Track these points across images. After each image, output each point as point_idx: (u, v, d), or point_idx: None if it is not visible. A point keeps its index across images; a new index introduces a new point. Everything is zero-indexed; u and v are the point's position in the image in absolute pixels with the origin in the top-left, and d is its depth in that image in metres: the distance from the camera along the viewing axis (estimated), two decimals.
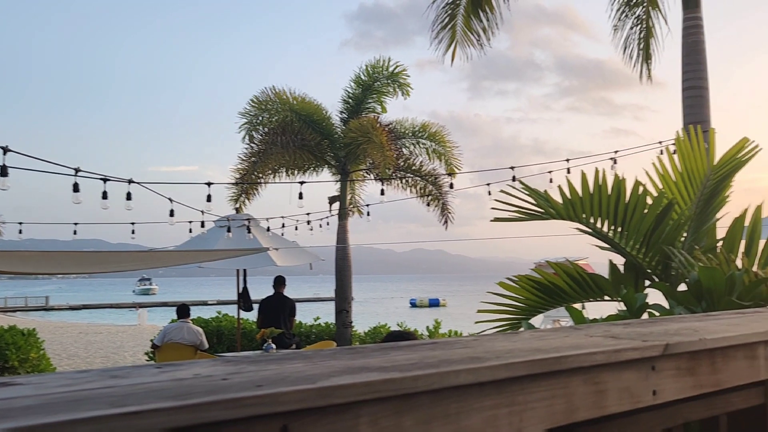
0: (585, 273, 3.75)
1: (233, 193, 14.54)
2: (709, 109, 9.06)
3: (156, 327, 21.91)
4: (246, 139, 14.39)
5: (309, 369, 0.99)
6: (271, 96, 14.52)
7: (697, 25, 9.22)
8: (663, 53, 11.27)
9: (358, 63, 15.59)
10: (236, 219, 12.11)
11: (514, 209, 3.57)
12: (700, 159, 3.61)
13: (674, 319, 1.89)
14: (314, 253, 13.28)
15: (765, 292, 2.91)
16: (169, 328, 11.20)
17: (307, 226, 14.06)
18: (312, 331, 14.24)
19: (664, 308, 3.06)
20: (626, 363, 1.24)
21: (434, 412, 0.97)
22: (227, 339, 14.31)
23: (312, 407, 0.84)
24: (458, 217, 15.48)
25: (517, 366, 1.06)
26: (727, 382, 1.51)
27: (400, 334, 5.80)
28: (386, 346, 1.27)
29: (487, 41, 10.90)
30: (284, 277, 11.61)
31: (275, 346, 10.31)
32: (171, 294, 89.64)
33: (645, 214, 3.48)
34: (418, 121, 15.30)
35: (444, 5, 10.53)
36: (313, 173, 15.17)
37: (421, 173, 15.06)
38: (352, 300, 15.19)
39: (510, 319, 3.98)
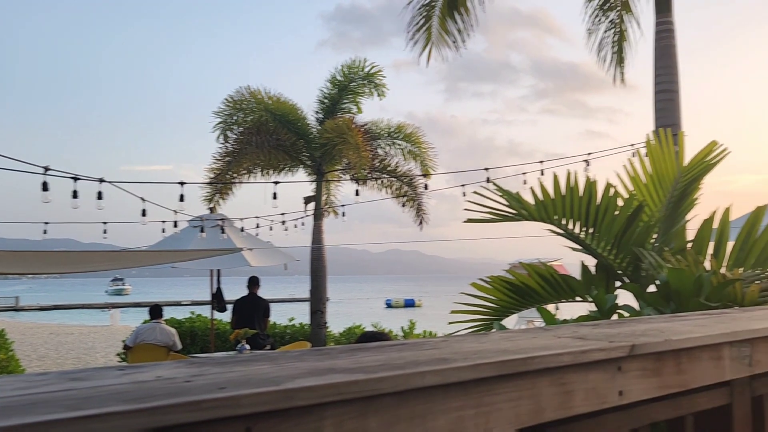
0: (557, 274, 3.78)
1: (207, 193, 14.44)
2: (680, 113, 9.19)
3: (129, 328, 21.69)
4: (220, 138, 14.31)
5: (274, 371, 0.98)
6: (246, 95, 14.44)
7: (669, 30, 9.34)
8: (636, 57, 11.42)
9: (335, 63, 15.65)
10: (210, 219, 12.02)
11: (487, 210, 3.59)
12: (670, 162, 3.65)
13: (642, 320, 1.91)
14: (289, 253, 13.23)
15: (732, 294, 2.95)
16: (142, 328, 11.09)
17: (281, 226, 14.01)
18: (286, 332, 14.18)
19: (633, 309, 3.09)
20: (593, 364, 1.25)
21: (400, 414, 0.97)
22: (201, 340, 14.20)
23: (276, 409, 0.83)
24: (434, 218, 15.52)
25: (483, 367, 1.06)
26: (692, 383, 1.53)
27: (374, 335, 5.80)
28: (354, 347, 1.26)
29: (463, 43, 10.94)
30: (258, 277, 11.55)
31: (249, 347, 10.25)
32: (144, 294, 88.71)
33: (616, 215, 3.51)
34: (394, 121, 15.33)
35: (419, 7, 10.55)
36: (288, 173, 15.12)
37: (396, 174, 15.08)
38: (327, 300, 15.16)
39: (483, 319, 4.00)
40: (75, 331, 31.89)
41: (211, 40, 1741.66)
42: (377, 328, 13.33)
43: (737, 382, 1.71)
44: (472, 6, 10.59)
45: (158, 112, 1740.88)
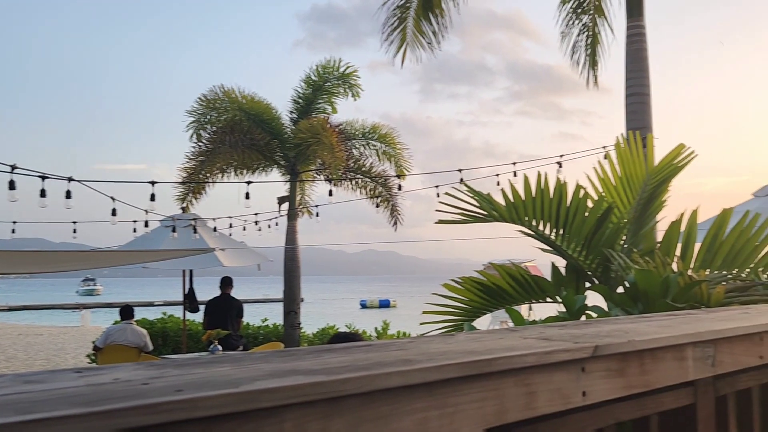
0: (527, 275, 3.80)
1: (180, 193, 14.31)
2: (651, 116, 9.30)
3: (100, 328, 21.41)
4: (194, 137, 14.18)
5: (236, 372, 0.97)
6: (219, 94, 14.33)
7: (640, 33, 9.45)
8: (609, 60, 11.55)
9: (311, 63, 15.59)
10: (182, 219, 11.92)
11: (458, 212, 3.60)
12: (639, 164, 3.69)
13: (609, 320, 1.92)
14: (262, 253, 13.16)
15: (699, 295, 2.99)
16: (112, 329, 10.96)
17: (255, 226, 13.93)
18: (260, 333, 14.11)
19: (602, 310, 3.12)
20: (557, 365, 1.26)
21: (364, 415, 0.96)
22: (173, 341, 14.08)
23: (234, 412, 0.82)
24: (410, 218, 15.55)
25: (448, 368, 1.06)
26: (656, 383, 1.54)
27: (346, 335, 5.79)
28: (321, 349, 1.26)
29: (438, 44, 10.97)
30: (231, 277, 11.48)
31: (221, 348, 10.18)
32: (116, 295, 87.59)
33: (586, 217, 3.54)
34: (369, 122, 15.33)
35: (394, 7, 10.55)
36: (262, 173, 15.03)
37: (371, 174, 15.07)
38: (301, 301, 15.10)
39: (454, 320, 4.01)
40: (45, 332, 31.40)
41: (185, 38, 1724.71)
42: (351, 329, 13.32)
43: (701, 382, 1.73)
44: (446, 7, 10.63)
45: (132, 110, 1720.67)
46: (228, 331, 10.63)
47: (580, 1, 11.42)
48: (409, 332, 12.97)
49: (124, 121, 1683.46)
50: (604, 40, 11.35)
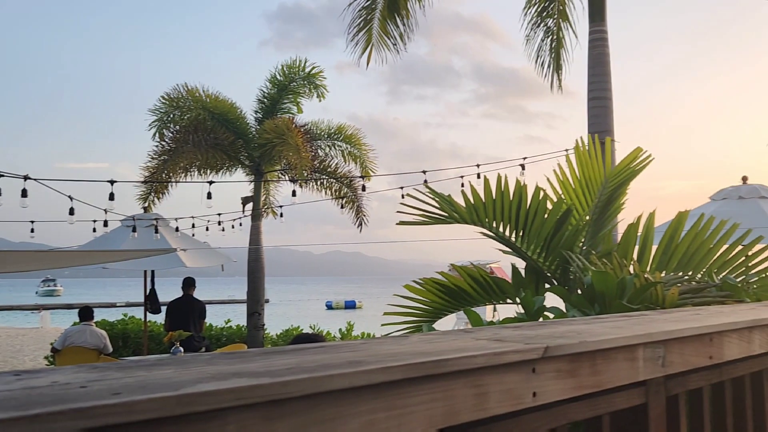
0: (488, 276, 3.82)
1: (142, 192, 14.11)
2: (613, 119, 9.44)
3: (59, 330, 20.99)
4: (156, 136, 14.00)
5: (178, 375, 0.95)
6: (183, 93, 14.18)
7: (602, 38, 9.59)
8: (573, 64, 11.69)
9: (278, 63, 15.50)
10: (143, 218, 11.76)
11: (419, 213, 3.60)
12: (598, 167, 3.74)
13: (563, 321, 1.93)
14: (226, 254, 13.04)
15: (654, 296, 3.03)
16: (71, 331, 10.76)
17: (218, 226, 13.80)
18: (223, 334, 13.98)
19: (561, 311, 3.15)
20: (508, 365, 1.26)
21: (308, 419, 0.95)
22: (133, 342, 13.88)
23: (172, 415, 0.81)
24: (377, 219, 15.53)
25: (395, 370, 1.05)
26: (608, 383, 1.55)
27: (308, 336, 5.76)
28: (270, 351, 1.24)
29: (403, 45, 11.00)
30: (194, 278, 11.35)
31: (183, 350, 10.06)
32: (77, 295, 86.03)
33: (545, 219, 3.57)
34: (336, 123, 15.30)
35: (360, 8, 10.55)
36: (226, 173, 14.91)
37: (336, 175, 15.04)
38: (265, 302, 15.00)
39: (416, 321, 4.02)
40: (2, 334, 30.69)
41: (151, 36, 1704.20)
42: (315, 330, 13.27)
43: (652, 382, 1.75)
44: (412, 9, 10.66)
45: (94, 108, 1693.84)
46: (190, 333, 10.52)
47: (544, 5, 11.55)
48: (374, 333, 12.97)
49: (86, 118, 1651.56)
50: (568, 45, 11.50)
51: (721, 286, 3.40)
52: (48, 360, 13.42)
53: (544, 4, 11.48)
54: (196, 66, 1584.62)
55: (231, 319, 14.86)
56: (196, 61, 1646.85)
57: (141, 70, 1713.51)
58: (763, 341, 2.16)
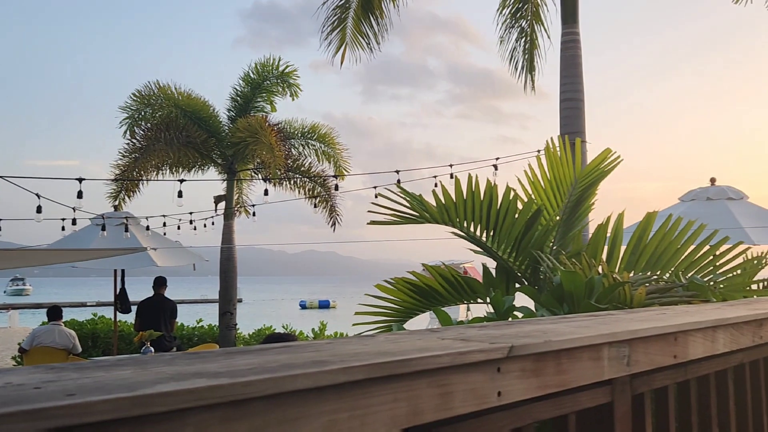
0: (459, 276, 3.83)
1: (113, 190, 13.94)
2: (584, 121, 9.52)
3: (28, 329, 20.63)
4: (127, 134, 13.84)
5: (136, 376, 0.94)
6: (154, 90, 14.04)
7: (575, 40, 9.66)
8: (546, 66, 11.77)
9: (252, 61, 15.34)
10: (113, 217, 11.61)
11: (390, 213, 3.60)
12: (568, 168, 3.77)
13: (530, 321, 1.94)
14: (198, 253, 12.94)
15: (622, 296, 3.06)
16: (39, 330, 10.60)
17: (190, 225, 13.68)
18: (195, 334, 13.86)
19: (530, 310, 3.17)
20: (472, 365, 1.26)
21: (269, 419, 0.94)
22: (103, 342, 13.71)
23: (128, 417, 0.79)
24: (351, 219, 15.52)
25: (357, 370, 1.04)
26: (573, 382, 1.56)
27: (280, 336, 5.73)
28: (233, 351, 1.23)
29: (377, 45, 10.99)
30: (165, 278, 11.24)
31: (154, 350, 9.97)
32: (47, 295, 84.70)
33: (515, 219, 3.59)
34: (310, 121, 15.25)
35: (334, 7, 10.52)
36: (198, 171, 14.78)
37: (309, 174, 14.99)
38: (238, 302, 14.90)
39: (387, 321, 4.02)
40: None
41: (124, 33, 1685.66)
42: (288, 330, 13.22)
43: (618, 381, 1.76)
44: (386, 9, 10.65)
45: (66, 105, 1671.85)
46: (161, 333, 10.42)
47: (518, 7, 11.62)
48: (347, 333, 12.95)
49: (57, 115, 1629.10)
50: (542, 46, 11.58)
51: (687, 286, 3.44)
52: (15, 360, 13.20)
53: (518, 5, 11.55)
54: (170, 63, 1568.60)
55: (203, 318, 14.75)
56: (170, 58, 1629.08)
57: (114, 67, 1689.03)
58: (727, 340, 2.19)
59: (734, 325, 2.19)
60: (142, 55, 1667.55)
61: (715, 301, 3.34)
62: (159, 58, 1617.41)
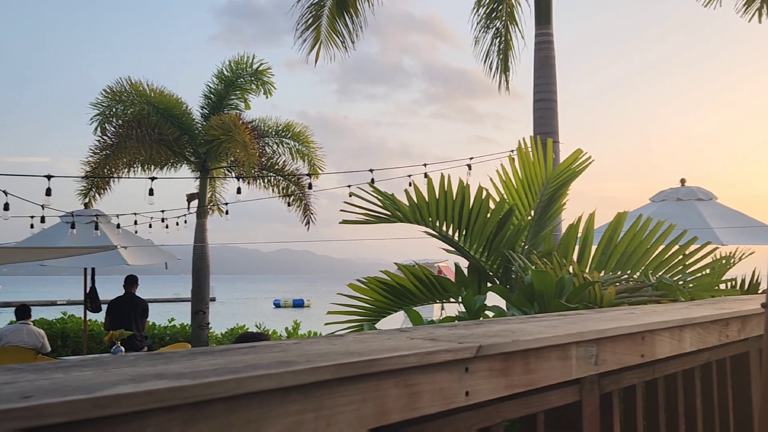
0: (432, 275, 3.83)
1: (83, 187, 13.76)
2: (558, 121, 9.59)
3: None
4: (98, 131, 13.66)
5: (96, 377, 0.92)
6: (126, 87, 13.87)
7: (548, 41, 9.73)
8: (521, 66, 11.85)
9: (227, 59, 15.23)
10: (83, 215, 11.46)
11: (362, 212, 3.60)
12: (539, 168, 3.79)
13: (500, 321, 1.95)
14: (170, 252, 12.81)
15: (593, 295, 3.09)
16: (6, 330, 10.42)
17: (162, 223, 13.55)
18: (166, 333, 13.74)
19: (502, 310, 3.18)
20: (440, 365, 1.26)
21: (232, 420, 0.93)
22: (73, 342, 13.52)
23: (86, 419, 0.78)
24: (326, 218, 15.45)
25: (323, 370, 1.04)
26: (541, 382, 1.57)
27: (253, 335, 5.70)
28: (197, 351, 1.21)
29: (352, 44, 10.97)
30: (136, 276, 11.11)
31: (124, 349, 9.85)
32: (16, 293, 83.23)
33: (487, 219, 3.60)
34: (284, 120, 15.19)
35: (309, 5, 10.48)
36: (171, 169, 14.64)
37: (283, 173, 14.92)
38: (211, 300, 14.80)
39: (360, 320, 4.01)
40: None
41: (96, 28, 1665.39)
42: (261, 329, 13.15)
43: (586, 380, 1.78)
44: (361, 8, 10.64)
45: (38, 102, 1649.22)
46: (131, 332, 10.31)
47: (493, 7, 11.67)
48: (321, 332, 12.91)
49: (27, 111, 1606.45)
50: (516, 47, 11.65)
51: (656, 285, 3.48)
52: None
53: (492, 5, 11.61)
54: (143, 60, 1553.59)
55: (175, 317, 14.62)
56: (143, 55, 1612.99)
57: (87, 63, 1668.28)
58: (694, 339, 2.22)
59: (701, 324, 2.22)
60: (115, 52, 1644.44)
61: (683, 300, 3.38)
62: (132, 54, 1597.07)
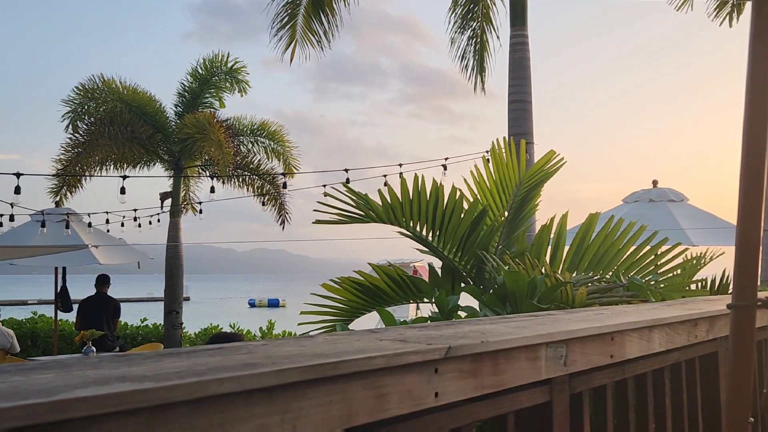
0: (406, 275, 3.83)
1: (54, 185, 13.57)
2: (532, 122, 9.65)
3: None
4: (69, 128, 13.48)
5: (57, 380, 0.90)
6: (98, 84, 13.71)
7: (523, 43, 9.79)
8: (496, 67, 11.89)
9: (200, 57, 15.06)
10: (54, 213, 11.30)
11: (335, 212, 3.59)
12: (512, 169, 3.81)
13: (470, 321, 1.95)
14: (142, 251, 12.69)
15: (564, 296, 3.11)
16: None
17: (134, 222, 13.42)
18: (139, 333, 13.60)
19: (475, 310, 3.19)
20: (408, 366, 1.25)
21: (195, 423, 0.92)
22: (43, 342, 13.34)
23: (44, 422, 0.76)
24: (302, 217, 15.38)
25: (288, 372, 1.03)
26: (511, 382, 1.57)
27: (226, 335, 5.66)
28: (163, 353, 1.20)
29: (328, 43, 10.95)
30: (108, 276, 10.98)
31: (95, 349, 9.73)
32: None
33: (461, 219, 3.61)
34: (259, 118, 15.11)
35: (284, 4, 10.44)
36: (144, 167, 14.50)
37: (258, 172, 14.84)
38: (184, 300, 14.68)
39: (333, 320, 4.00)
40: None
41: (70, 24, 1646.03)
42: (235, 329, 13.07)
43: (556, 381, 1.78)
44: (337, 7, 10.62)
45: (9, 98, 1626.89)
46: (103, 332, 10.19)
47: (469, 8, 11.71)
48: (296, 332, 12.87)
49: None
50: (492, 48, 11.69)
51: (628, 286, 3.52)
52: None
53: (468, 6, 11.64)
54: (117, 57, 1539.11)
55: (148, 317, 14.48)
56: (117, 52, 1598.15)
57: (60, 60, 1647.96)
58: (663, 340, 2.24)
59: (670, 324, 2.24)
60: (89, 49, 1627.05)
61: (654, 301, 3.41)
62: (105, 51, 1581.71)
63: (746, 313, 1.65)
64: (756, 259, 1.61)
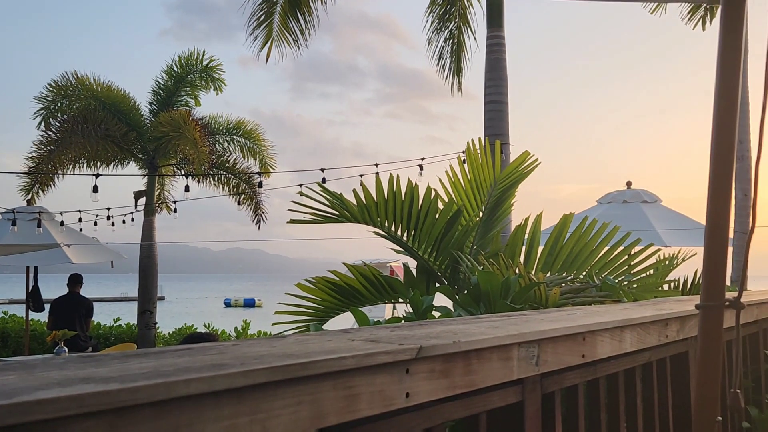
0: (381, 275, 3.83)
1: (26, 183, 13.37)
2: (508, 123, 9.69)
3: None
4: (42, 126, 13.29)
5: (19, 381, 0.88)
6: (72, 81, 13.54)
7: (500, 44, 9.83)
8: (473, 68, 11.95)
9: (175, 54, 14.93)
10: (25, 211, 11.13)
11: (310, 211, 3.57)
12: (488, 169, 3.82)
13: (443, 321, 1.95)
14: (115, 250, 12.55)
15: (537, 296, 3.13)
16: None
17: (108, 221, 13.27)
18: (112, 333, 13.45)
19: (449, 310, 3.19)
20: (379, 366, 1.25)
21: (160, 425, 0.91)
22: (14, 342, 13.14)
23: (4, 425, 0.75)
24: (278, 216, 15.33)
25: (257, 373, 1.02)
26: (482, 382, 1.57)
27: (200, 336, 5.62)
28: (130, 354, 1.18)
29: (305, 42, 10.91)
30: (80, 275, 10.84)
31: (67, 350, 9.61)
32: None
33: (436, 219, 3.62)
34: (234, 117, 15.02)
35: (261, 2, 10.38)
36: (118, 166, 14.35)
37: (234, 171, 14.76)
38: (158, 300, 14.55)
39: (307, 320, 3.98)
40: None
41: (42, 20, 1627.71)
42: (209, 329, 12.98)
43: (528, 381, 1.79)
44: (314, 7, 10.58)
45: None
46: (75, 332, 10.06)
47: (446, 8, 11.74)
48: (271, 332, 12.81)
49: None
50: (469, 48, 11.74)
51: (600, 286, 3.54)
52: None
53: (446, 7, 11.68)
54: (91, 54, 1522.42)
55: (121, 317, 14.34)
56: (91, 49, 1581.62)
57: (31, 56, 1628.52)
58: (634, 340, 2.26)
59: (641, 324, 2.26)
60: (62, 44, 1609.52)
61: (626, 301, 3.44)
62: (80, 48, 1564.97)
63: (714, 314, 1.67)
64: (724, 260, 1.63)
